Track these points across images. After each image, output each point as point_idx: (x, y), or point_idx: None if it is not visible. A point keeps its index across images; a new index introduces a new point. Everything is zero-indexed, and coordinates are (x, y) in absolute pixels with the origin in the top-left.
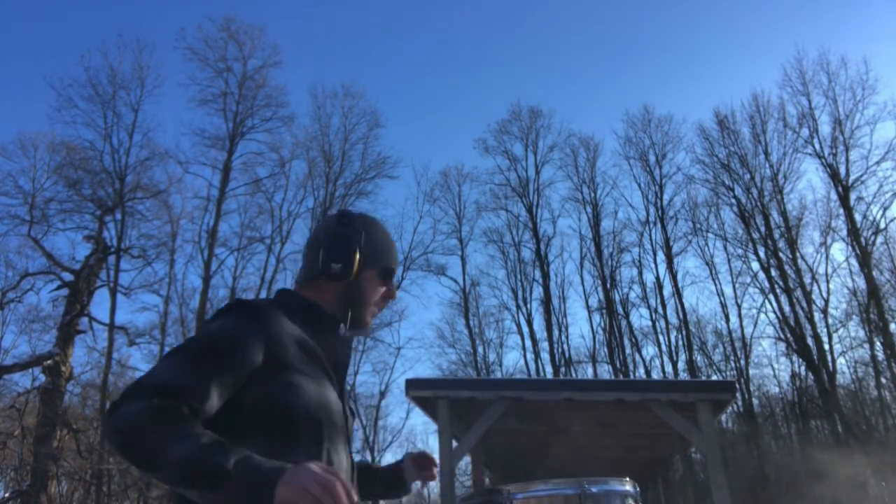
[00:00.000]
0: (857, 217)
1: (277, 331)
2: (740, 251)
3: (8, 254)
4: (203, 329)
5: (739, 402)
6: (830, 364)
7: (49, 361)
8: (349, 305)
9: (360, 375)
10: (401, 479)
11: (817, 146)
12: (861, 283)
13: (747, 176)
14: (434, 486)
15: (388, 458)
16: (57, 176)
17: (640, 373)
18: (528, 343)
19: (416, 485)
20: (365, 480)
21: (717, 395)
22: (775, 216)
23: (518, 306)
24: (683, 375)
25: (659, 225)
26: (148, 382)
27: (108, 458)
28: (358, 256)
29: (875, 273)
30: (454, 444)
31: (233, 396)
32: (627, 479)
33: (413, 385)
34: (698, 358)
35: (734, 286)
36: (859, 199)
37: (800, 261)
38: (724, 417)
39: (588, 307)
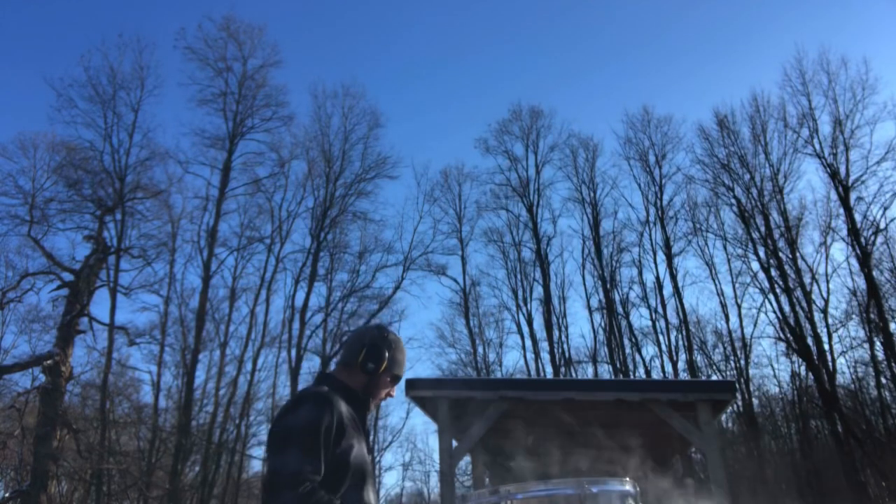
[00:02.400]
0: (857, 217)
1: (340, 411)
2: (740, 251)
3: (8, 254)
4: (293, 417)
5: (739, 402)
6: (830, 364)
7: (49, 361)
8: (367, 393)
9: None
10: None
11: (817, 146)
12: (861, 283)
13: (747, 176)
14: (434, 486)
15: (389, 458)
16: (57, 176)
17: (640, 373)
18: (528, 343)
19: None
20: None
21: (717, 395)
22: (775, 216)
23: (518, 306)
24: (683, 375)
25: (659, 225)
26: (287, 476)
27: (108, 458)
28: (385, 362)
29: (875, 273)
30: (454, 444)
31: None
32: (627, 479)
33: (413, 385)
34: (698, 358)
35: (734, 286)
36: (859, 199)
37: (800, 261)
38: (724, 417)
39: (588, 307)
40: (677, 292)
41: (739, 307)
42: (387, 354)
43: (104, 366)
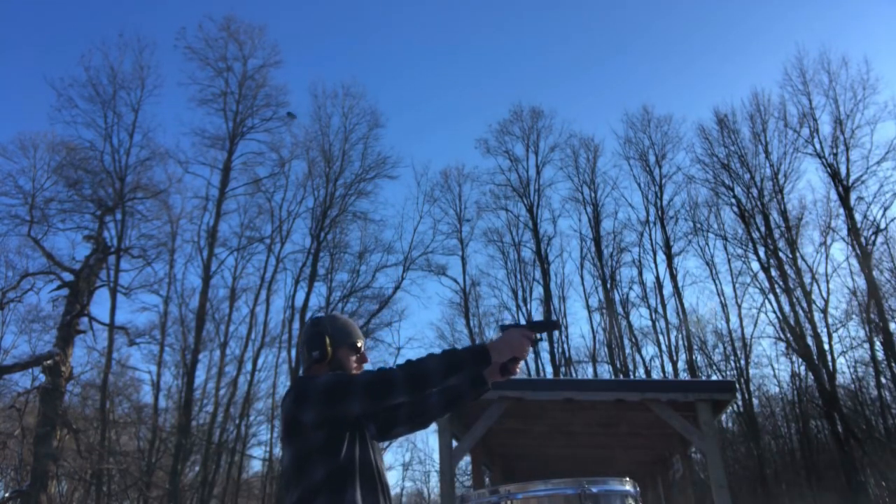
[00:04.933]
0: (858, 217)
1: None
2: (740, 251)
3: (8, 254)
4: (315, 382)
5: (739, 402)
6: (830, 364)
7: (49, 361)
8: None
9: None
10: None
11: (817, 146)
12: (861, 283)
13: (747, 176)
14: (434, 486)
15: (389, 458)
16: (57, 176)
17: (640, 373)
18: None
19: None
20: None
21: (717, 395)
22: (775, 216)
23: (518, 306)
24: (683, 375)
25: (659, 225)
26: (369, 374)
27: (108, 458)
28: (328, 343)
29: (875, 273)
30: (454, 444)
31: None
32: (627, 479)
33: None
34: (698, 358)
35: (734, 286)
36: (859, 198)
37: (800, 261)
38: (724, 417)
39: (588, 307)
40: (677, 292)
41: (739, 307)
42: (325, 336)
43: (104, 366)
